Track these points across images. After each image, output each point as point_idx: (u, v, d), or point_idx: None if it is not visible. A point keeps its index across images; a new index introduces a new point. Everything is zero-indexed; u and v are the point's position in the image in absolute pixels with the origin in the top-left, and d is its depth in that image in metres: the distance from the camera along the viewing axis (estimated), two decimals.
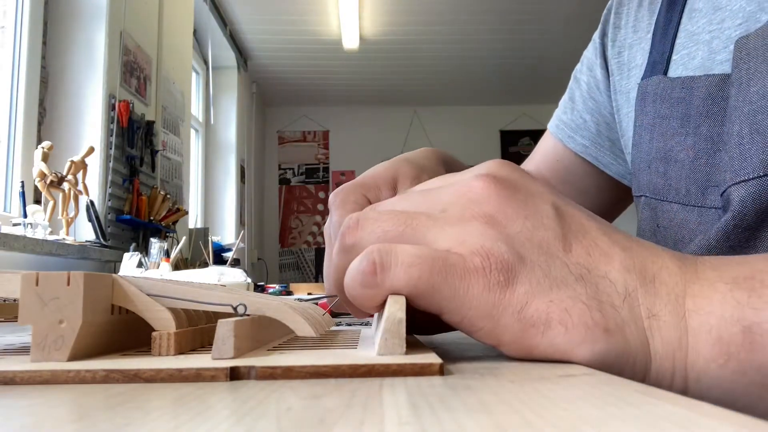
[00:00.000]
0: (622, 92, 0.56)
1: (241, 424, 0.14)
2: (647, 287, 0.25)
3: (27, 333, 0.46)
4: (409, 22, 4.28)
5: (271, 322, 0.30)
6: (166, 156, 2.90)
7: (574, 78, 0.65)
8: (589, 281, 0.24)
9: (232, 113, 4.57)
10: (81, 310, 0.23)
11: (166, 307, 0.26)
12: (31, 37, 2.08)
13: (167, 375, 0.20)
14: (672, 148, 0.45)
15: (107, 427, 0.14)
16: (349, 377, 0.20)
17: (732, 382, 0.23)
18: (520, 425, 0.14)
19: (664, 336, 0.24)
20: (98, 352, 0.25)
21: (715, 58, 0.43)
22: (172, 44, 3.00)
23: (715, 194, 0.42)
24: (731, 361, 0.23)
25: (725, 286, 0.24)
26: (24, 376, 0.20)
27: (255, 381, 0.20)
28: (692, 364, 0.24)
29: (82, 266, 2.02)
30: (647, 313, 0.24)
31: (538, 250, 0.25)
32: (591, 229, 0.26)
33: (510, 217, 0.25)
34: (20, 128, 2.02)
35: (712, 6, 0.45)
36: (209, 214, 4.35)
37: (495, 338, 0.24)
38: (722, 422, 0.13)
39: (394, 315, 0.23)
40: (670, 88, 0.46)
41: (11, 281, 0.26)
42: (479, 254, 0.24)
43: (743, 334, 0.23)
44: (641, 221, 0.51)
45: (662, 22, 0.50)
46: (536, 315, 0.24)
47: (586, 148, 0.63)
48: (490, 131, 5.91)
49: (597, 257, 0.25)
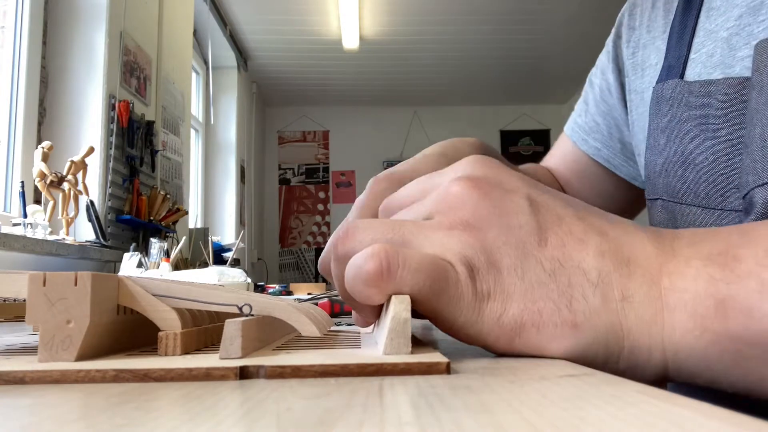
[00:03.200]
0: (636, 92, 0.57)
1: (240, 424, 0.14)
2: (621, 270, 0.26)
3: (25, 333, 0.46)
4: (409, 22, 4.28)
5: (274, 322, 0.30)
6: (166, 156, 2.90)
7: (589, 81, 0.67)
8: (561, 275, 0.26)
9: (232, 113, 4.57)
10: (88, 311, 0.23)
11: (171, 307, 0.26)
12: (31, 37, 2.08)
13: (177, 375, 0.20)
14: (690, 151, 0.45)
15: (107, 427, 0.14)
16: (357, 376, 0.21)
17: (707, 352, 0.25)
18: (520, 425, 0.14)
19: (638, 314, 0.26)
20: (104, 352, 0.26)
21: (735, 55, 0.43)
22: (172, 44, 3.00)
23: (735, 197, 0.42)
24: (706, 332, 0.25)
25: (699, 262, 0.26)
26: (34, 375, 0.20)
27: (255, 381, 0.20)
28: (669, 337, 0.25)
29: (82, 266, 2.02)
30: (620, 296, 0.26)
31: (514, 252, 0.26)
32: (566, 216, 0.27)
33: (485, 219, 0.27)
34: (20, 128, 2.02)
35: (730, 3, 0.45)
36: (209, 214, 4.35)
37: (481, 341, 0.26)
38: (722, 422, 0.13)
39: (399, 315, 0.23)
40: (687, 91, 0.46)
41: (17, 281, 0.26)
42: (464, 263, 0.26)
43: (716, 307, 0.24)
44: (657, 225, 0.51)
45: (678, 24, 0.51)
46: (512, 321, 0.26)
47: (599, 151, 0.64)
48: (490, 131, 5.91)
49: (572, 246, 0.26)
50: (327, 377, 0.21)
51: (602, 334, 0.25)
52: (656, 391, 0.18)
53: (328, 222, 5.89)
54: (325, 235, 5.83)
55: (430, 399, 0.17)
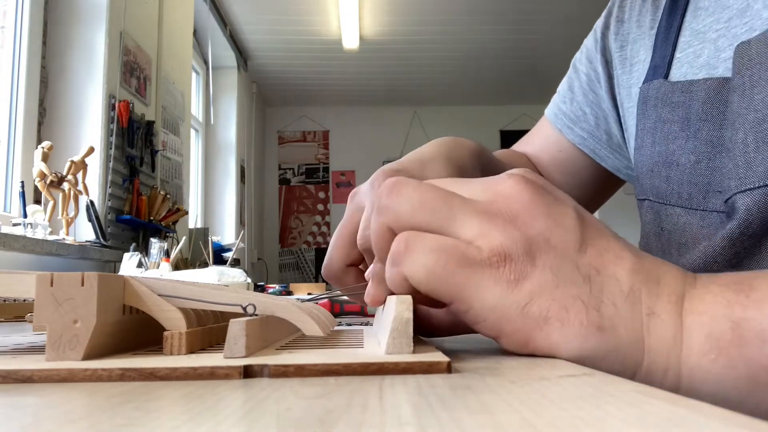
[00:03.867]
0: (624, 87, 0.56)
1: (240, 424, 0.14)
2: (651, 287, 0.26)
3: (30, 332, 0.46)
4: (409, 22, 4.29)
5: (277, 322, 0.30)
6: (166, 156, 2.90)
7: (574, 67, 0.65)
8: (595, 281, 0.26)
9: (232, 113, 4.57)
10: (95, 311, 0.24)
11: (176, 307, 0.26)
12: (31, 37, 2.08)
13: (182, 373, 0.20)
14: (674, 152, 0.45)
15: (108, 427, 0.14)
16: (359, 375, 0.21)
17: (722, 376, 0.25)
18: (520, 425, 0.14)
19: (660, 333, 0.26)
20: (110, 352, 0.26)
21: (720, 56, 0.44)
22: (172, 44, 3.00)
23: (717, 198, 0.42)
24: (722, 356, 0.25)
25: (718, 288, 0.26)
26: (41, 374, 0.21)
27: (255, 381, 0.20)
28: (685, 359, 0.25)
29: (82, 266, 2.02)
30: (648, 311, 0.26)
31: (554, 252, 0.26)
32: (605, 234, 0.28)
33: (534, 215, 0.27)
34: (20, 128, 2.02)
35: (720, 4, 0.45)
36: (209, 214, 4.35)
37: (497, 330, 0.26)
38: (722, 422, 0.14)
39: (401, 315, 0.24)
40: (671, 92, 0.46)
41: (24, 282, 0.26)
42: (497, 252, 0.26)
43: (732, 330, 0.25)
44: (645, 224, 0.52)
45: (665, 23, 0.51)
46: (538, 311, 0.25)
47: (584, 140, 0.63)
48: (490, 131, 5.91)
49: (608, 259, 0.27)
50: (330, 376, 0.21)
51: (624, 345, 0.25)
52: (656, 391, 0.18)
53: (328, 222, 5.89)
54: (325, 235, 5.83)
55: (430, 399, 0.17)
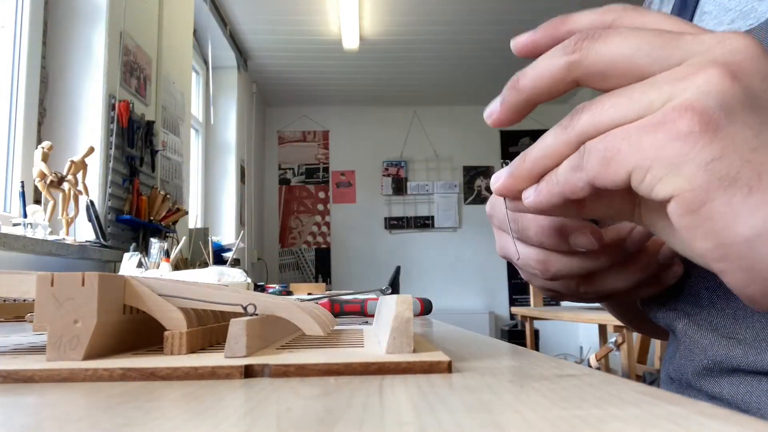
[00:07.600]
0: None
1: (240, 424, 0.14)
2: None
3: (29, 332, 0.46)
4: (409, 22, 4.28)
5: (278, 322, 0.30)
6: (166, 156, 2.90)
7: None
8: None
9: (232, 113, 4.57)
10: (96, 311, 0.24)
11: (177, 307, 0.26)
12: (31, 37, 2.08)
13: (183, 373, 0.20)
14: None
15: (108, 426, 0.14)
16: (360, 374, 0.21)
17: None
18: (520, 425, 0.14)
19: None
20: (111, 351, 0.26)
21: None
22: (172, 44, 3.00)
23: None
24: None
25: None
26: (43, 374, 0.21)
27: (256, 380, 0.20)
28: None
29: (82, 266, 2.02)
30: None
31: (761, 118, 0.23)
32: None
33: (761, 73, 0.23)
34: (20, 128, 2.02)
35: (723, 7, 0.45)
36: (209, 214, 4.35)
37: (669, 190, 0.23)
38: (722, 422, 0.14)
39: (402, 314, 0.24)
40: None
41: (25, 282, 0.26)
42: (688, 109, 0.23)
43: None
44: None
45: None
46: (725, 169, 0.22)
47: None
48: (490, 131, 5.91)
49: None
50: (331, 376, 0.21)
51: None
52: (656, 390, 0.18)
53: (328, 222, 5.88)
54: (325, 235, 5.83)
55: (430, 399, 0.17)
